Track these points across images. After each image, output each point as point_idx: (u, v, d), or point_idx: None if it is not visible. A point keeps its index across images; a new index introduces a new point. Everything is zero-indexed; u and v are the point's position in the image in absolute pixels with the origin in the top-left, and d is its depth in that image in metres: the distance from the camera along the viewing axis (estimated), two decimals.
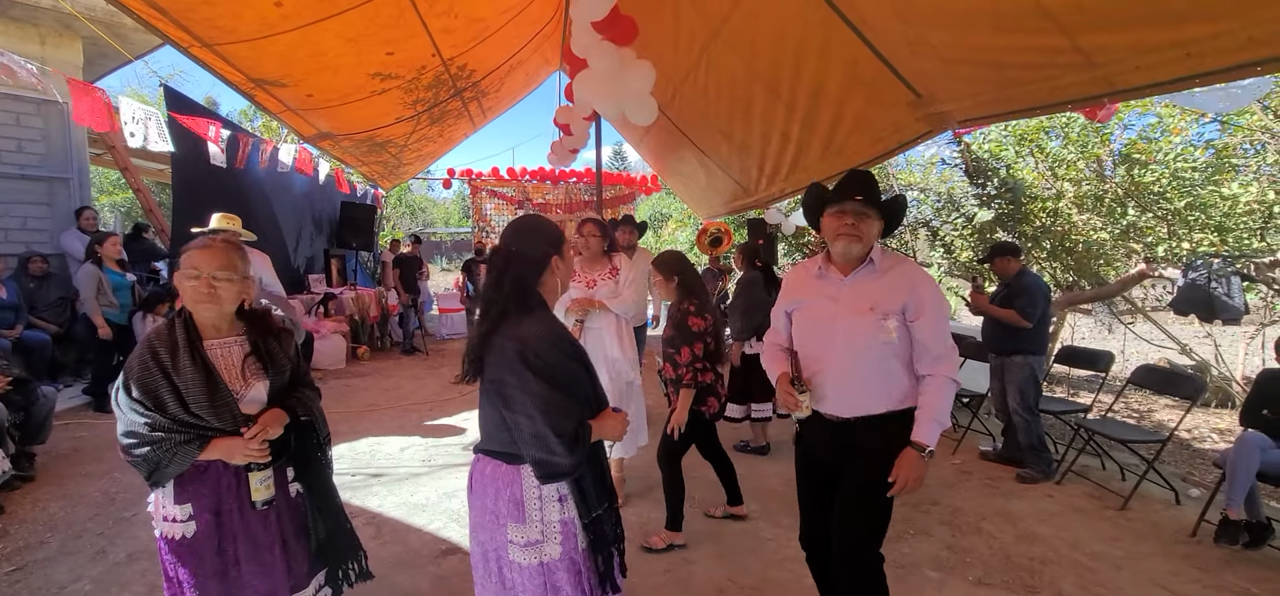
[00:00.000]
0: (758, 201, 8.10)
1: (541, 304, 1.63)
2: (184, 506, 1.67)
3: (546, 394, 1.47)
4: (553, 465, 1.47)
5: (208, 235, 1.82)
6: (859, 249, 2.03)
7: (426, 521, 3.11)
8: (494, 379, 1.52)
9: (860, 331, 1.99)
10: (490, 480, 1.59)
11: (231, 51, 4.80)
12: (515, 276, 1.58)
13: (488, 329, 1.55)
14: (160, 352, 1.65)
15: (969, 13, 3.27)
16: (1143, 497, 3.45)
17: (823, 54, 4.60)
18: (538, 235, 1.66)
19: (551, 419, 1.45)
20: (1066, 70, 3.15)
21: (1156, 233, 5.13)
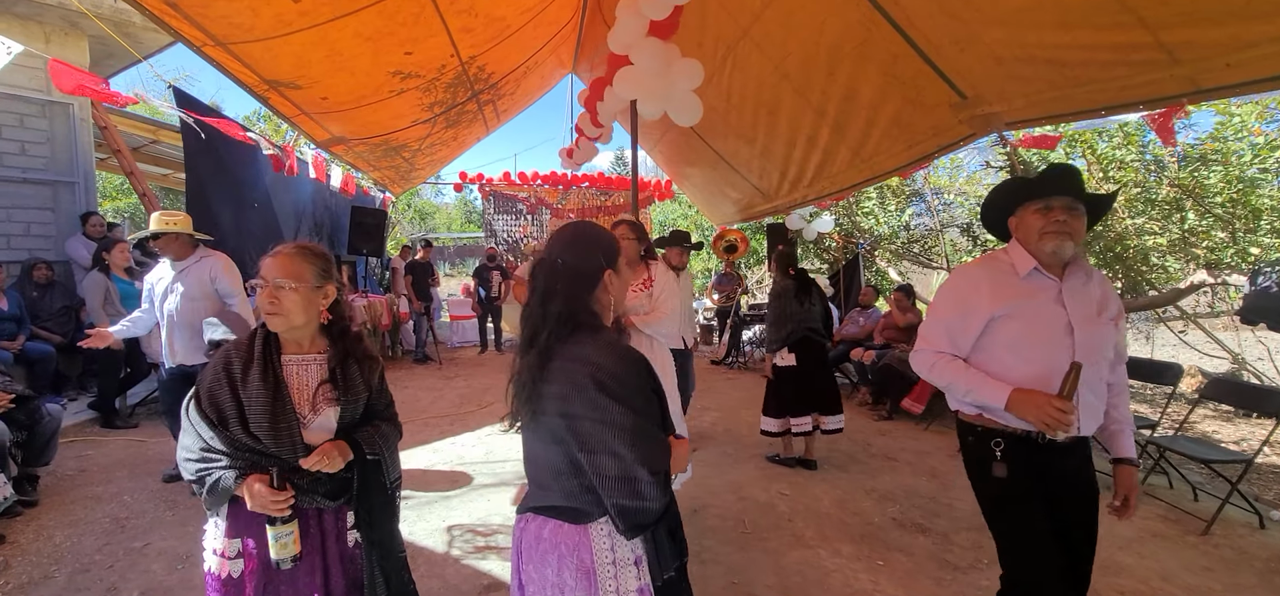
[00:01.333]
0: (777, 208, 7.92)
1: (597, 321, 1.39)
2: (234, 542, 1.50)
3: (634, 423, 1.23)
4: (643, 513, 1.23)
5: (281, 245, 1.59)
6: (1071, 248, 1.83)
7: (462, 551, 2.91)
8: (562, 414, 1.27)
9: (1099, 339, 1.82)
10: (551, 546, 1.32)
11: (246, 51, 4.62)
12: (564, 294, 1.35)
13: (542, 357, 1.31)
14: (234, 364, 1.50)
15: (1031, 7, 3.10)
16: (1223, 522, 3.25)
17: (860, 55, 4.43)
18: (589, 245, 1.42)
19: (643, 454, 1.22)
20: (1141, 68, 2.97)
21: (1213, 236, 4.92)
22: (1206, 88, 2.90)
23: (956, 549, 2.99)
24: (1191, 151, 5.03)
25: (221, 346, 3.04)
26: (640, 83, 3.60)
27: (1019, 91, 3.75)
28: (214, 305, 3.54)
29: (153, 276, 3.60)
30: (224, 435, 1.44)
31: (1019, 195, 1.92)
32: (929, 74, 4.13)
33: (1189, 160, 5.05)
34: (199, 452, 1.44)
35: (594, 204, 11.78)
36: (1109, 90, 3.24)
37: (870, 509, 3.51)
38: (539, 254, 1.47)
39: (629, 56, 3.61)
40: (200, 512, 3.28)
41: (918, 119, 4.61)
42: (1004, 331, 1.88)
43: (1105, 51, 3.07)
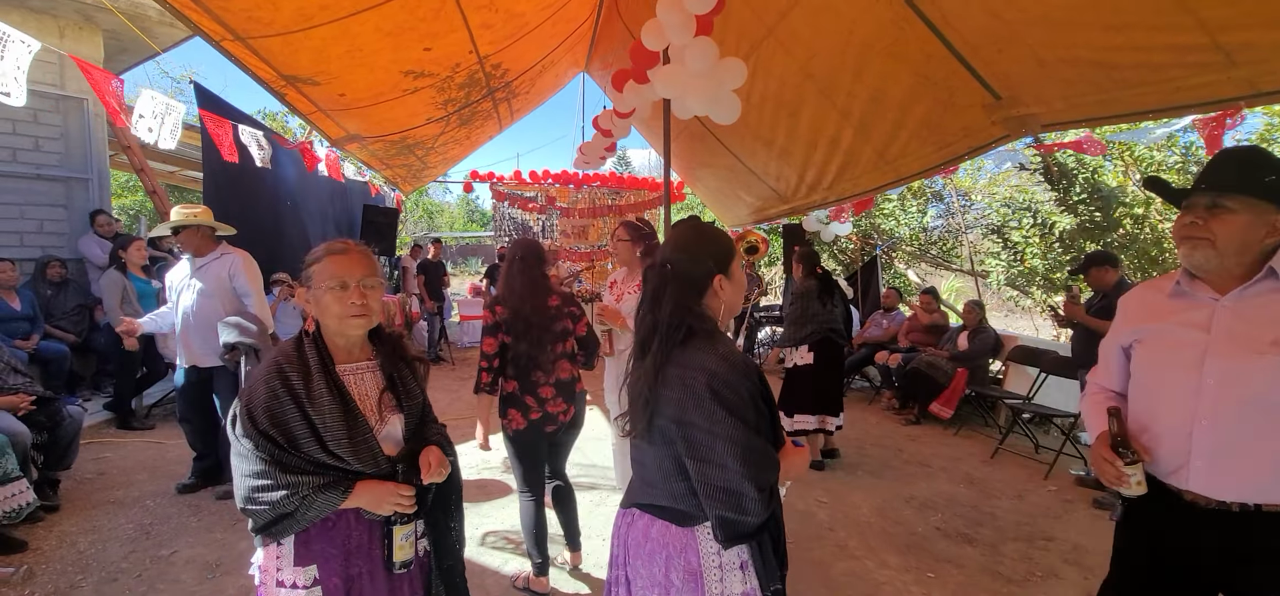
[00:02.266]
0: (793, 210, 7.85)
1: (711, 326, 1.36)
2: (308, 569, 1.38)
3: (746, 438, 1.21)
4: (742, 526, 1.22)
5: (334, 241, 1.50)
6: (1208, 257, 1.46)
7: (500, 561, 2.83)
8: (676, 420, 1.26)
9: (1251, 377, 1.39)
10: (659, 544, 1.31)
11: (266, 46, 4.55)
12: (675, 299, 1.32)
13: (658, 362, 1.30)
14: (292, 377, 1.37)
15: (1081, 6, 3.03)
16: None
17: (891, 55, 4.36)
18: (699, 248, 1.38)
19: (751, 469, 1.20)
20: (1195, 70, 2.90)
21: None
22: (1265, 91, 2.82)
23: (1007, 560, 2.92)
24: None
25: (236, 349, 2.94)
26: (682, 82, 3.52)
27: (1059, 93, 3.68)
28: (231, 304, 3.44)
29: (173, 273, 3.52)
30: (296, 457, 1.34)
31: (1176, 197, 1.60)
32: (963, 75, 4.06)
33: None
34: (272, 478, 1.31)
35: (604, 203, 11.71)
36: (1159, 92, 3.17)
37: (912, 517, 3.44)
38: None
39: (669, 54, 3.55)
40: (225, 518, 3.22)
41: (949, 120, 4.53)
42: (1136, 360, 1.61)
43: (1159, 52, 2.99)
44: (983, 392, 5.29)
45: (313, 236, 7.72)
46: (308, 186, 7.06)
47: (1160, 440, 1.51)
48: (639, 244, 3.31)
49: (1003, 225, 7.57)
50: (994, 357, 5.43)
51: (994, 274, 8.02)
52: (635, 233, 3.35)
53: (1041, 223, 6.95)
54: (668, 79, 3.59)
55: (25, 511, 2.93)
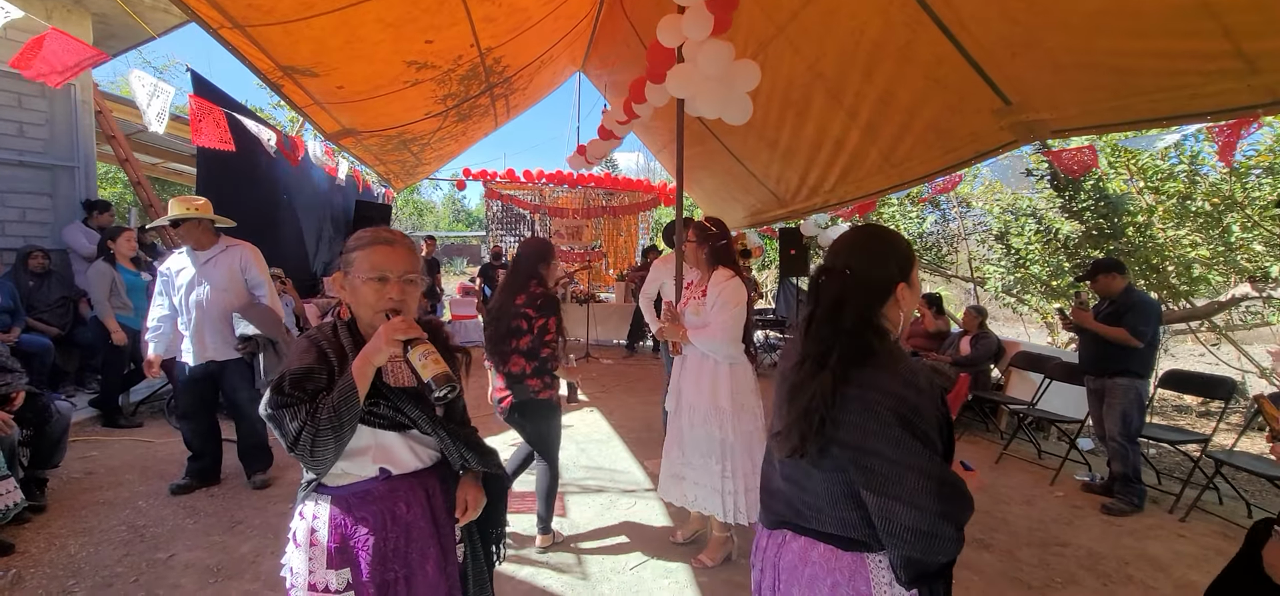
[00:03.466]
0: (791, 213, 7.83)
1: (893, 342, 1.25)
2: (341, 573, 1.31)
3: (941, 472, 1.11)
4: (931, 566, 1.14)
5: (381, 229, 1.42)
6: None
7: (514, 569, 2.76)
8: (856, 447, 1.14)
9: None
10: (824, 571, 1.19)
11: (264, 34, 4.43)
12: (858, 307, 1.22)
13: (836, 378, 1.16)
14: (329, 353, 1.32)
15: (1101, 12, 3.02)
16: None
17: (902, 56, 4.34)
18: (882, 252, 1.28)
19: (949, 506, 1.09)
20: (1214, 78, 2.90)
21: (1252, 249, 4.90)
22: None
23: (1026, 566, 2.91)
24: (1245, 164, 5.00)
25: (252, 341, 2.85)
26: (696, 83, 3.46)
27: (1073, 99, 3.67)
28: (243, 296, 3.37)
29: (170, 268, 3.40)
30: None
31: None
32: (974, 79, 4.05)
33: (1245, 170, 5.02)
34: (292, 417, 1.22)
35: (598, 204, 11.64)
36: (1175, 99, 3.17)
37: None
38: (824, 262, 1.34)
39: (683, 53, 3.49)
40: (222, 520, 3.11)
41: (957, 124, 4.53)
42: None
43: (1180, 59, 2.99)
44: (986, 398, 5.29)
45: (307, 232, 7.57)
46: (303, 181, 6.92)
47: None
48: (706, 245, 3.16)
49: (1005, 231, 7.61)
50: (995, 363, 5.44)
51: (991, 280, 8.06)
52: (702, 234, 3.20)
53: (1044, 229, 7.00)
54: (682, 79, 3.54)
55: (12, 512, 2.79)
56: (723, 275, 3.11)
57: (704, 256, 3.09)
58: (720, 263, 3.12)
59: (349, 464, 1.33)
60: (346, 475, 1.34)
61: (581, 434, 4.87)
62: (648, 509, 3.48)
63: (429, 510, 1.41)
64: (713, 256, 3.09)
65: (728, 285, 3.08)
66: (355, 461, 1.34)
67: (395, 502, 1.36)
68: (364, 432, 1.32)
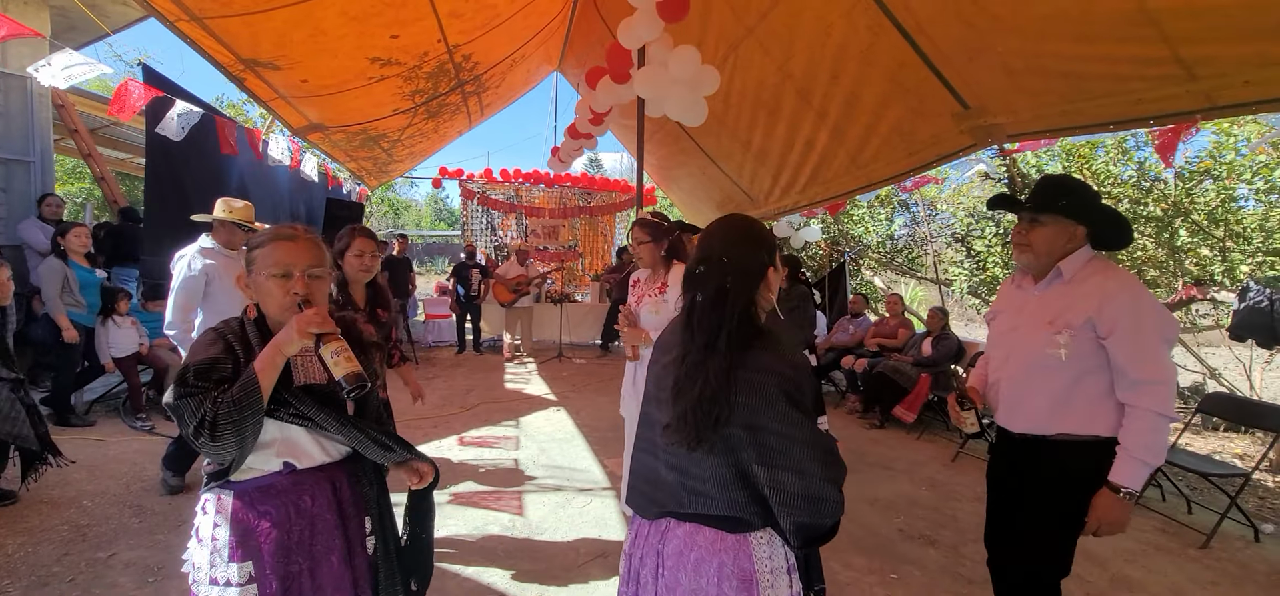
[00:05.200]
0: (765, 214, 7.87)
1: (768, 325, 1.32)
2: (243, 566, 1.29)
3: (822, 439, 1.19)
4: (820, 528, 1.20)
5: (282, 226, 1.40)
6: (1028, 259, 1.92)
7: (461, 565, 2.74)
8: (747, 426, 1.18)
9: (1030, 345, 1.87)
10: (709, 553, 1.23)
11: (224, 27, 4.38)
12: (741, 296, 1.26)
13: (726, 367, 1.20)
14: (234, 345, 1.30)
15: (1051, 17, 3.08)
16: (1219, 535, 3.28)
17: (866, 59, 4.39)
18: (754, 240, 1.33)
19: (831, 470, 1.18)
20: (1157, 83, 2.97)
21: (1200, 253, 5.02)
22: (1222, 104, 2.90)
23: (968, 562, 2.95)
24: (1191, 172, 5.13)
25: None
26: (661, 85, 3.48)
27: (1027, 104, 3.74)
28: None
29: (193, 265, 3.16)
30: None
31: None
32: (933, 83, 4.11)
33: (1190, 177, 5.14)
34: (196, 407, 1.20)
35: (575, 204, 11.61)
36: (1121, 104, 3.24)
37: (876, 520, 3.45)
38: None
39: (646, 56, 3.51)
40: (169, 519, 3.05)
41: (919, 127, 4.59)
42: (990, 333, 2.17)
43: (1123, 65, 3.06)
44: (945, 397, 5.36)
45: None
46: (262, 177, 6.79)
47: (996, 390, 2.02)
48: (661, 242, 3.01)
49: (966, 234, 7.72)
50: (956, 363, 5.51)
51: (957, 282, 8.18)
52: (656, 231, 3.05)
53: (1004, 232, 7.11)
54: (645, 80, 3.55)
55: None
56: (681, 270, 2.89)
57: (660, 253, 3.00)
58: (676, 257, 3.02)
59: (253, 457, 1.31)
60: (250, 469, 1.32)
61: (545, 433, 4.85)
62: (603, 508, 3.47)
63: (335, 503, 1.39)
64: (669, 252, 2.99)
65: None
66: (259, 455, 1.32)
67: (299, 495, 1.34)
68: (271, 426, 1.30)
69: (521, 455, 4.38)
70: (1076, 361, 1.78)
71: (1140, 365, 1.70)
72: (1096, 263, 1.86)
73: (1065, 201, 1.86)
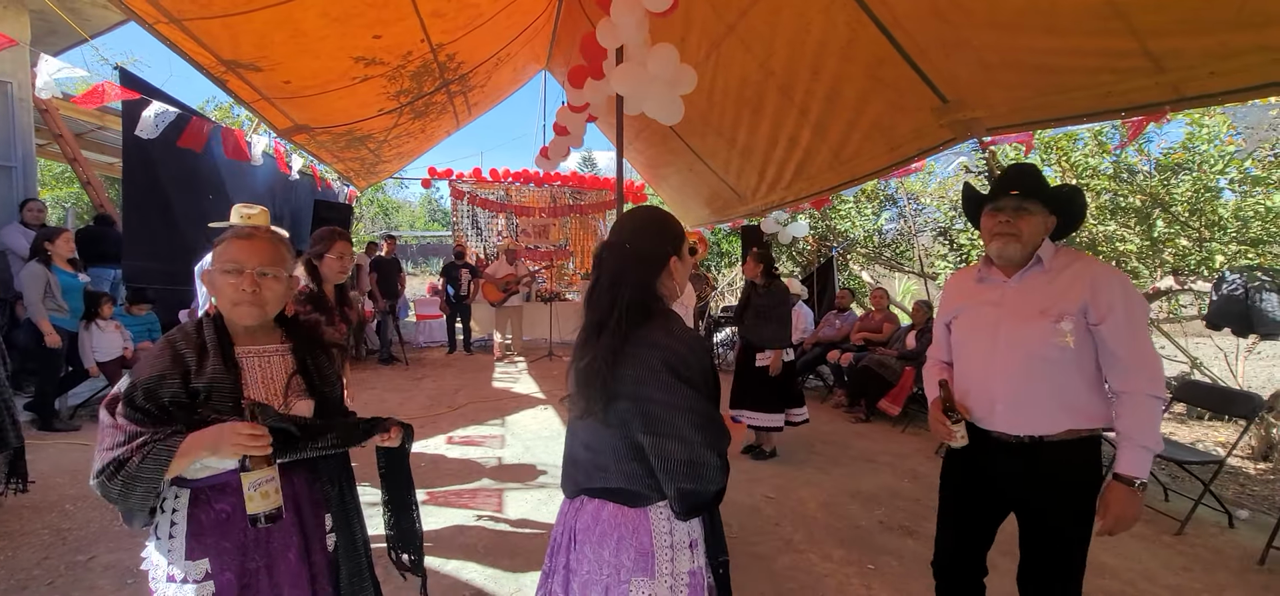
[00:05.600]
0: (751, 211, 7.91)
1: (665, 307, 1.39)
2: (199, 564, 1.30)
3: (704, 408, 1.25)
4: (704, 495, 1.25)
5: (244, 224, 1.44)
6: (1017, 249, 1.82)
7: (440, 562, 2.76)
8: (633, 398, 1.26)
9: (1028, 338, 1.77)
10: (611, 527, 1.30)
11: (203, 28, 4.36)
12: (636, 281, 1.34)
13: (616, 342, 1.28)
14: (185, 354, 1.31)
15: (1022, 10, 3.10)
16: (1195, 521, 3.33)
17: (845, 55, 4.41)
18: (658, 230, 1.42)
19: (711, 437, 1.23)
20: (1126, 75, 3.00)
21: (1178, 244, 5.09)
22: (1189, 96, 2.93)
23: None
24: (1164, 160, 5.19)
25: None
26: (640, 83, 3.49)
27: (1002, 97, 3.77)
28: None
29: None
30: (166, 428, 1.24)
31: (980, 201, 1.96)
32: (912, 77, 4.13)
33: (1162, 168, 5.20)
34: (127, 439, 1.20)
35: (565, 203, 11.62)
36: (1093, 96, 3.27)
37: (857, 512, 3.48)
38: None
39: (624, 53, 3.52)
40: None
41: (899, 122, 4.61)
42: (955, 331, 2.01)
43: (1093, 57, 3.09)
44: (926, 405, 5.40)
45: None
46: (241, 178, 6.77)
47: (972, 394, 1.90)
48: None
49: (949, 227, 7.77)
50: None
51: (942, 275, 8.23)
52: None
53: None
54: (624, 77, 3.56)
55: None
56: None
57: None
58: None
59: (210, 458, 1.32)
60: (206, 467, 1.33)
61: (531, 431, 4.88)
62: None
63: (292, 499, 1.41)
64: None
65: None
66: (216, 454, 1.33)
67: None
68: None
69: (506, 453, 4.40)
70: (1076, 351, 1.74)
71: (1135, 350, 1.69)
72: (1066, 251, 1.86)
73: (1047, 189, 1.85)
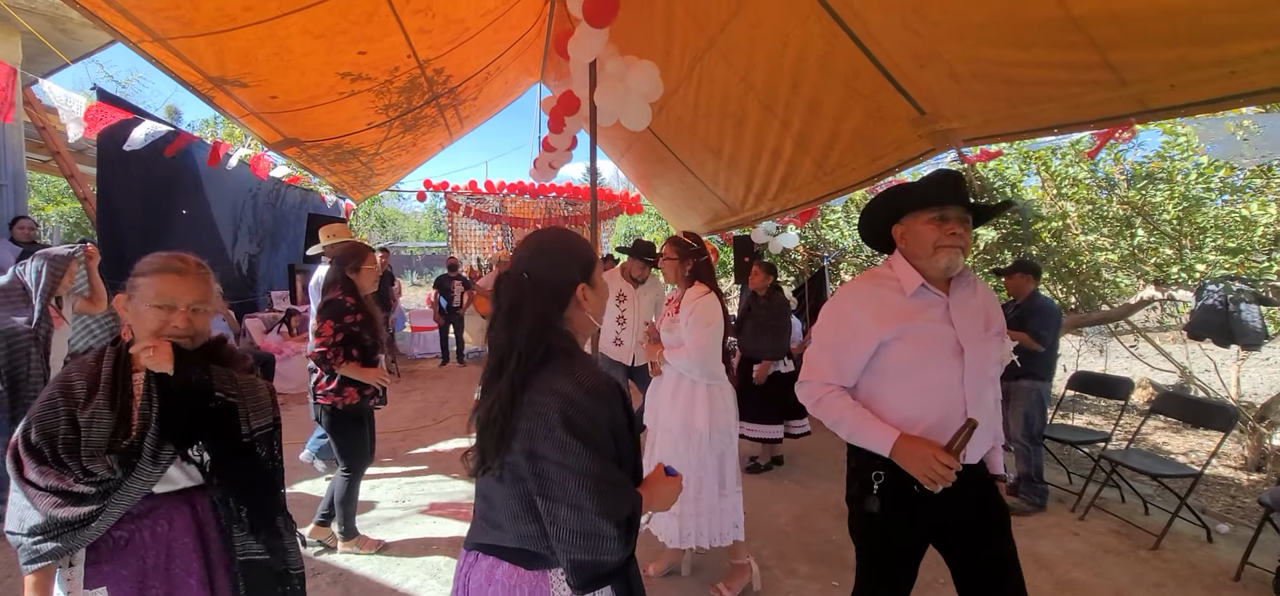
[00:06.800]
0: (743, 221, 7.93)
1: (572, 345, 1.24)
2: (96, 592, 1.30)
3: (601, 471, 1.10)
4: (601, 567, 1.11)
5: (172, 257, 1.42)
6: (960, 263, 1.74)
7: (401, 578, 2.75)
8: (527, 453, 1.13)
9: (987, 359, 1.71)
10: (504, 589, 1.17)
11: (188, 46, 4.42)
12: (535, 313, 1.19)
13: (515, 386, 1.15)
14: (76, 386, 1.29)
15: (986, 24, 3.11)
16: (1173, 535, 3.29)
17: (823, 68, 4.43)
18: (563, 255, 1.26)
19: (606, 505, 1.09)
20: (1092, 88, 3.00)
21: (1162, 252, 5.08)
22: (1154, 108, 2.93)
23: None
24: (1139, 170, 5.19)
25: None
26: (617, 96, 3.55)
27: (975, 109, 3.78)
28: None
29: None
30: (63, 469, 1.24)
31: (909, 202, 1.77)
32: (889, 89, 4.14)
33: (1137, 178, 5.20)
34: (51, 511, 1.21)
35: (561, 214, 11.67)
36: (1062, 108, 3.28)
37: (829, 526, 3.47)
38: (504, 266, 1.34)
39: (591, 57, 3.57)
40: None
41: (879, 133, 4.63)
42: (893, 357, 1.73)
43: (1059, 70, 3.09)
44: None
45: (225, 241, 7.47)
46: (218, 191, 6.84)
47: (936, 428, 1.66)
48: (687, 262, 3.07)
49: None
50: None
51: None
52: (683, 250, 3.09)
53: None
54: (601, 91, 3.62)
55: None
56: (696, 292, 3.00)
57: (685, 272, 3.03)
58: (698, 278, 3.05)
59: None
60: None
61: None
62: None
63: (195, 526, 1.41)
64: (692, 273, 3.02)
65: (701, 302, 2.95)
66: None
67: (155, 521, 1.36)
68: None
69: None
70: None
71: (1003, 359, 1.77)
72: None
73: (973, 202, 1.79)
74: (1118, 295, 5.65)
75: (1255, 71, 2.43)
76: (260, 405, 1.51)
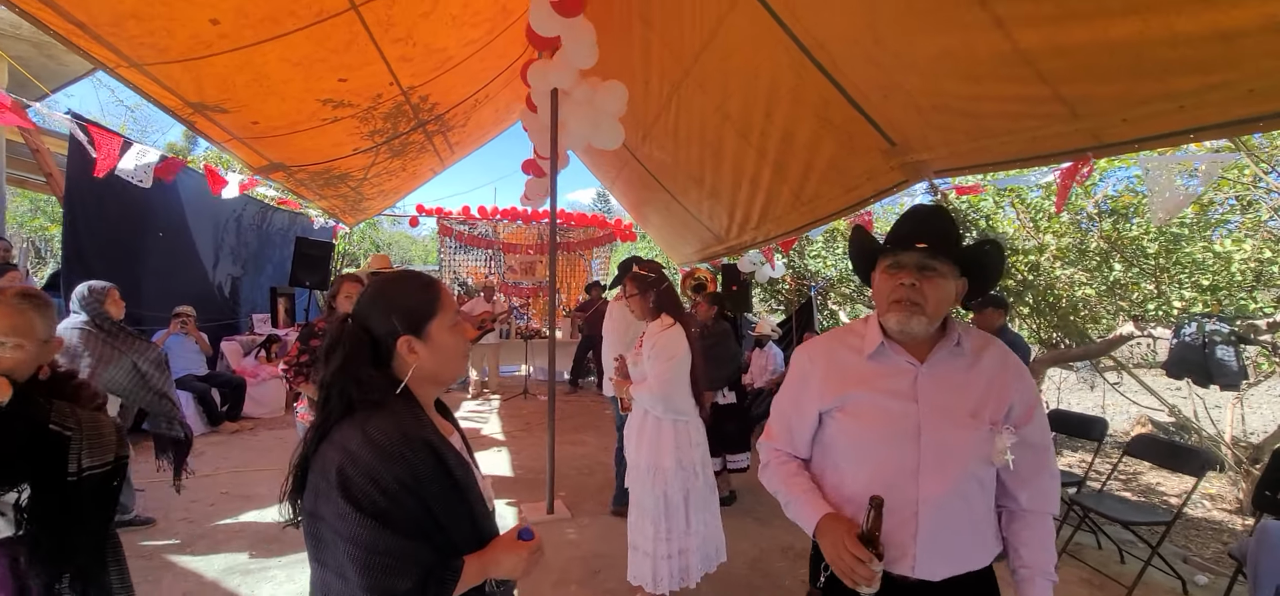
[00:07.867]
0: (732, 248, 7.91)
1: (384, 396, 1.11)
2: None
3: (373, 541, 0.99)
4: None
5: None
6: (922, 324, 1.36)
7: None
8: (309, 511, 1.04)
9: (962, 451, 1.33)
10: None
11: (166, 72, 4.48)
12: (342, 358, 1.10)
13: (315, 436, 1.07)
14: None
15: (939, 57, 3.10)
16: (1147, 585, 3.16)
17: (794, 98, 4.44)
18: (390, 304, 1.15)
19: (374, 579, 0.98)
20: (1047, 121, 2.98)
21: (1142, 288, 5.00)
22: (1109, 142, 2.91)
23: None
24: (1114, 203, 5.14)
25: None
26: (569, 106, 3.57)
27: (940, 140, 3.76)
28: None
29: None
30: None
31: (875, 248, 1.48)
32: (859, 120, 4.14)
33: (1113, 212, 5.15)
34: None
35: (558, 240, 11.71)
36: (1021, 142, 3.26)
37: (783, 570, 3.37)
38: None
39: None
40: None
41: (853, 163, 4.62)
42: (834, 430, 1.45)
43: (1012, 103, 3.08)
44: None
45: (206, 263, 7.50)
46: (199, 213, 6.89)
47: (897, 522, 1.33)
48: (649, 294, 2.99)
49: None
50: None
51: None
52: (642, 284, 3.00)
53: None
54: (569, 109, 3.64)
55: None
56: (660, 325, 2.92)
57: (650, 305, 2.95)
58: (662, 309, 2.98)
59: None
60: None
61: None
62: None
63: (11, 575, 1.35)
64: (656, 304, 2.95)
65: (663, 335, 2.86)
66: None
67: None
68: None
69: None
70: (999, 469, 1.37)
71: (1050, 459, 1.39)
72: (974, 330, 1.48)
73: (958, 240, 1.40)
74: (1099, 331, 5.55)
75: (1202, 107, 2.41)
76: (101, 442, 1.44)
